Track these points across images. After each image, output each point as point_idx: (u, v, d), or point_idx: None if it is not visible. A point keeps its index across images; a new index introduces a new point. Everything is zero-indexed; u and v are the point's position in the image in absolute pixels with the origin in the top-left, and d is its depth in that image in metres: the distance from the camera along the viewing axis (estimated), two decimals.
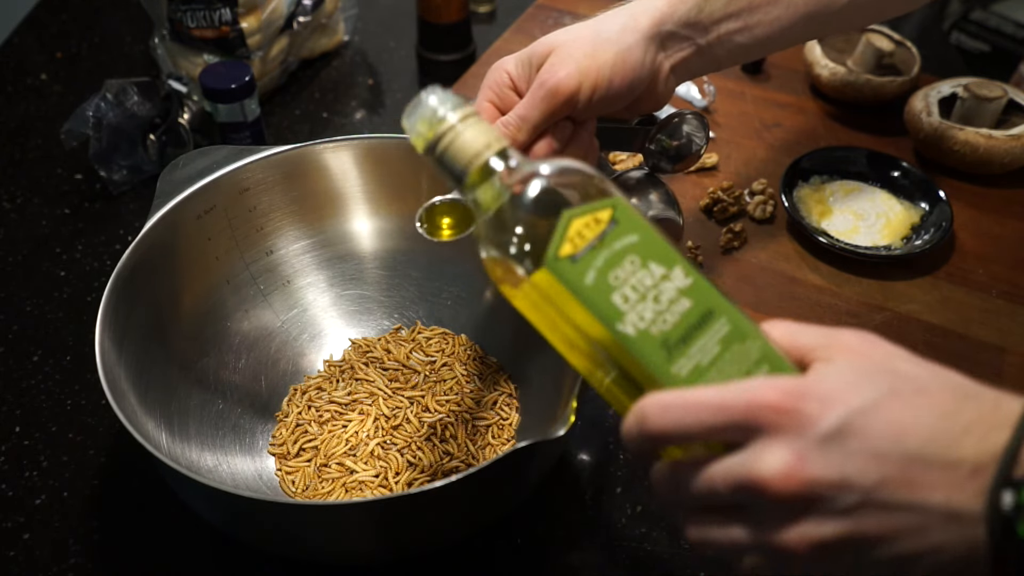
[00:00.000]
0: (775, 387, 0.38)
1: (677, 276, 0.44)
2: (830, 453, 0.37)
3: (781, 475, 0.37)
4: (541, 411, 0.72)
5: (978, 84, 0.93)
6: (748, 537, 0.40)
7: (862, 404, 0.37)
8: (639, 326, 0.43)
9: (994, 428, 0.37)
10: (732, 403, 0.38)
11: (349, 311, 0.80)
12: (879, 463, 0.37)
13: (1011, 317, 0.82)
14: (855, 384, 0.38)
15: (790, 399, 0.38)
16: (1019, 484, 0.35)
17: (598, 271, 0.43)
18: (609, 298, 0.43)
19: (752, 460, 0.38)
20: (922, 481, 0.36)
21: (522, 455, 0.54)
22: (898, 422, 0.37)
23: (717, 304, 0.44)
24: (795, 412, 0.37)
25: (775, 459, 0.37)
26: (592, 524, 0.69)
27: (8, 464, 0.73)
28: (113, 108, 0.93)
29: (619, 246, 0.44)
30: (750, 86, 1.06)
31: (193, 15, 1.01)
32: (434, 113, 0.49)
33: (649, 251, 0.44)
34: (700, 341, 0.43)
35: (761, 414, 0.38)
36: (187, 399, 0.70)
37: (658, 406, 0.40)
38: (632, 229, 0.44)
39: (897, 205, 0.90)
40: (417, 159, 0.76)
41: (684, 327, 0.43)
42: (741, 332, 0.44)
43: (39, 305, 0.86)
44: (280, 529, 0.60)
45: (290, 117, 1.06)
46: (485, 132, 0.48)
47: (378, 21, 1.21)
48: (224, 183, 0.73)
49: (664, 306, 0.44)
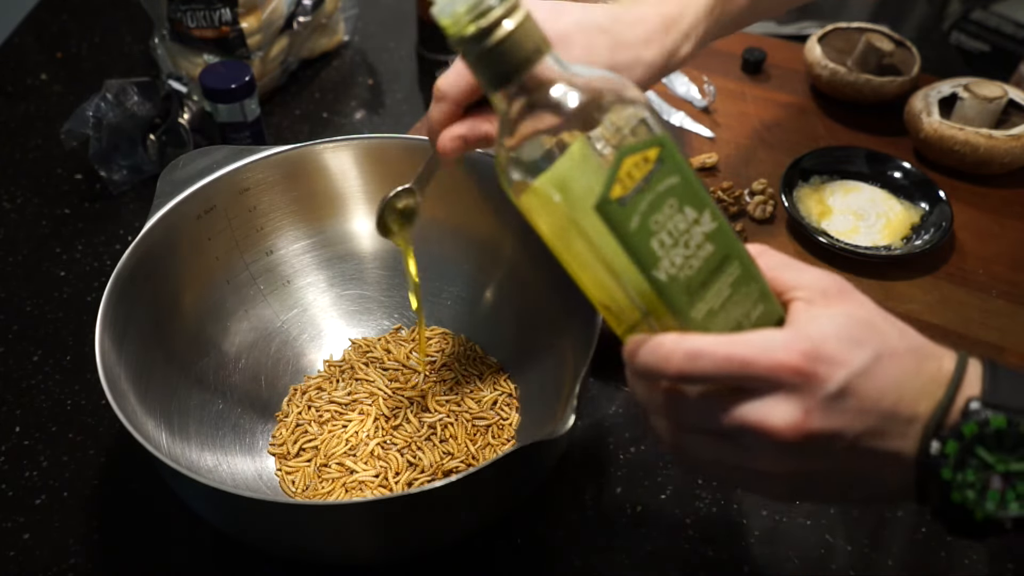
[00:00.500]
0: (793, 349, 0.42)
1: (706, 220, 0.44)
2: (831, 410, 0.42)
3: (789, 427, 0.42)
4: (541, 411, 0.72)
5: (978, 84, 0.93)
6: (737, 461, 0.45)
7: (859, 367, 0.43)
8: (670, 272, 0.43)
9: (938, 386, 0.44)
10: (758, 361, 0.42)
11: (349, 311, 0.80)
12: (864, 418, 0.43)
13: (1011, 317, 0.82)
14: (852, 346, 0.43)
15: (807, 362, 0.42)
16: (945, 437, 0.43)
17: (642, 215, 0.43)
18: (649, 243, 0.43)
19: (766, 411, 0.43)
20: (889, 432, 0.43)
21: (522, 455, 0.54)
22: (881, 384, 0.43)
23: (733, 248, 0.45)
24: (810, 374, 0.42)
25: (787, 413, 0.42)
26: (592, 524, 0.69)
27: (8, 464, 0.73)
28: (113, 108, 0.93)
29: (662, 188, 0.43)
30: (750, 86, 1.06)
31: (193, 15, 1.01)
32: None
33: (686, 194, 0.44)
34: (716, 285, 0.44)
35: (783, 374, 0.42)
36: (187, 399, 0.70)
37: (685, 352, 0.43)
38: (674, 169, 0.43)
39: (897, 205, 0.90)
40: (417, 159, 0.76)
41: (706, 272, 0.44)
42: (747, 275, 0.45)
43: (39, 305, 0.86)
44: (280, 529, 0.60)
45: (290, 117, 1.06)
46: (537, 30, 0.44)
47: (378, 21, 1.21)
48: (224, 183, 0.73)
49: (692, 251, 0.44)
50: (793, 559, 0.67)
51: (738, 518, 0.69)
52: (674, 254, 0.43)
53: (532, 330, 0.75)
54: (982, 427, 0.42)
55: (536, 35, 0.43)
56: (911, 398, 0.43)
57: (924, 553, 0.67)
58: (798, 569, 0.67)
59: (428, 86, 1.11)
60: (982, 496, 0.43)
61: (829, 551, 0.67)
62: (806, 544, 0.68)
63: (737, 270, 0.45)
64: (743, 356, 0.42)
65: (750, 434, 0.43)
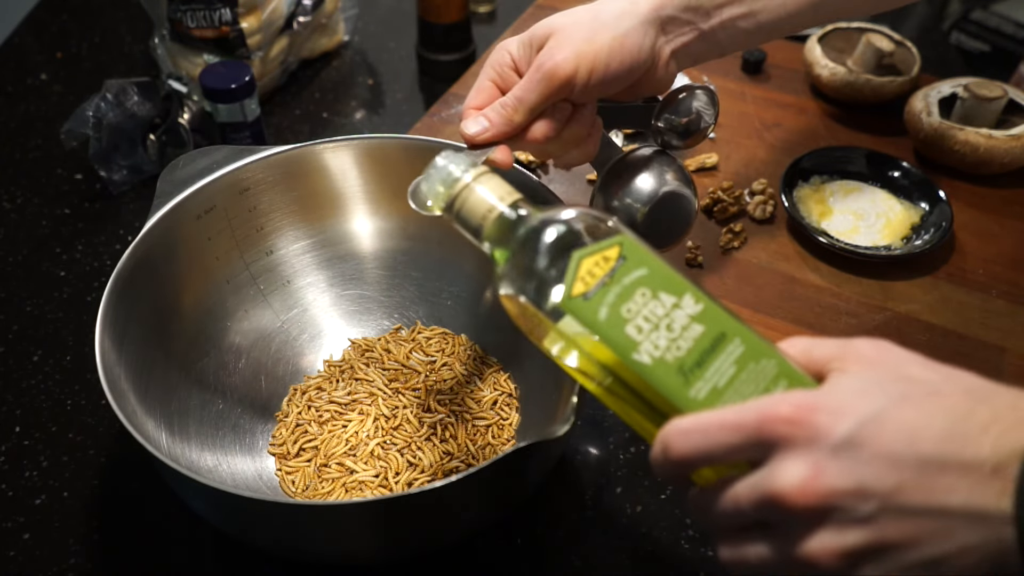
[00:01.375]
0: (787, 401, 0.39)
1: (687, 303, 0.46)
2: (845, 462, 0.37)
3: (799, 488, 0.37)
4: (541, 411, 0.72)
5: (978, 84, 0.93)
6: (776, 553, 0.40)
7: (873, 411, 0.37)
8: (654, 354, 0.44)
9: (1013, 426, 0.36)
10: (745, 420, 0.39)
11: (349, 311, 0.80)
12: (894, 468, 0.36)
13: (1011, 317, 0.82)
14: (865, 392, 0.38)
15: (801, 411, 0.38)
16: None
17: (610, 306, 0.45)
18: (623, 330, 0.45)
19: (771, 475, 0.38)
20: (940, 484, 0.36)
21: (522, 455, 0.54)
22: (910, 426, 0.37)
23: (728, 326, 0.45)
24: (808, 424, 0.38)
25: (792, 472, 0.38)
26: (592, 524, 0.69)
27: (8, 464, 0.73)
28: (113, 108, 0.93)
29: (628, 280, 0.46)
30: (750, 86, 1.06)
31: (193, 15, 1.01)
32: (449, 175, 0.52)
33: (658, 282, 0.46)
34: (715, 363, 0.44)
35: (774, 428, 0.38)
36: (187, 399, 0.70)
37: (678, 432, 0.41)
38: (640, 263, 0.46)
39: (897, 205, 0.90)
40: (417, 159, 0.76)
41: (698, 351, 0.44)
42: (756, 351, 0.44)
43: (39, 305, 0.86)
44: (280, 529, 0.60)
45: (290, 117, 1.06)
46: (497, 187, 0.52)
47: (378, 21, 1.21)
48: (224, 183, 0.73)
49: (677, 333, 0.45)
50: None
51: None
52: (655, 337, 0.45)
53: None
54: None
55: (493, 195, 0.51)
56: (963, 440, 0.36)
57: None
58: None
59: (428, 86, 1.11)
60: None
61: None
62: None
63: (740, 347, 0.44)
64: (733, 419, 0.39)
65: (768, 510, 0.39)
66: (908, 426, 0.37)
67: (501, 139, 0.62)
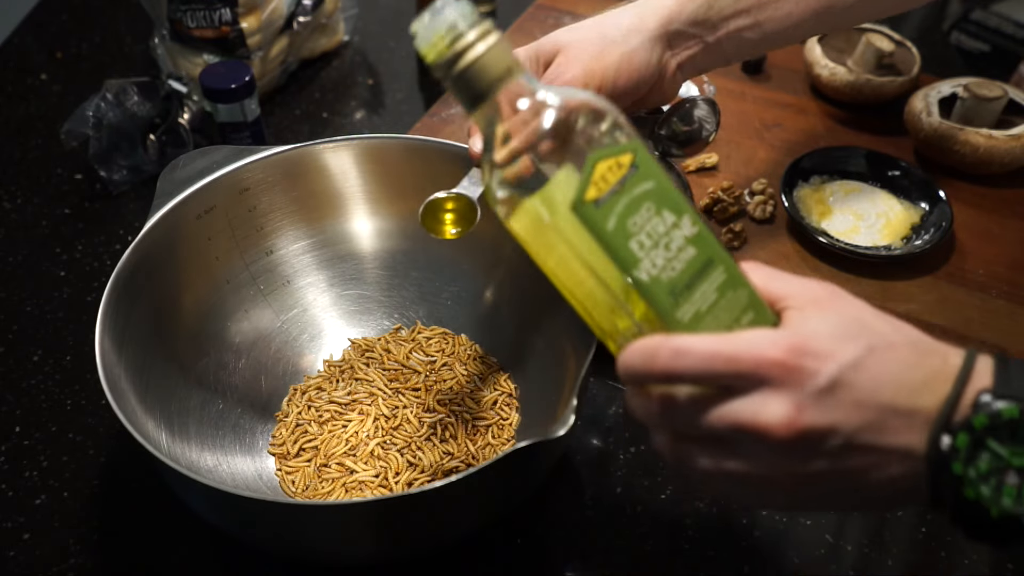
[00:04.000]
0: (779, 345, 0.42)
1: (685, 224, 0.45)
2: (824, 404, 0.42)
3: (783, 424, 0.42)
4: (541, 411, 0.72)
5: (978, 84, 0.93)
6: (735, 467, 0.44)
7: (849, 360, 0.42)
8: (652, 273, 0.44)
9: (943, 381, 0.43)
10: (743, 357, 0.42)
11: (349, 311, 0.80)
12: (860, 412, 0.42)
13: (1011, 317, 0.82)
14: (842, 339, 0.43)
15: (793, 356, 0.42)
16: (955, 430, 0.41)
17: (619, 217, 0.44)
18: (627, 244, 0.44)
19: (756, 408, 0.42)
20: (890, 426, 0.42)
21: (522, 455, 0.54)
22: (875, 375, 0.42)
23: (716, 253, 0.46)
24: (797, 368, 0.42)
25: (778, 409, 0.42)
26: (592, 524, 0.69)
27: (8, 464, 0.73)
28: (113, 108, 0.93)
29: (638, 192, 0.44)
30: (750, 86, 1.06)
31: (193, 15, 1.01)
32: (454, 25, 0.45)
33: (663, 198, 0.45)
34: (701, 288, 0.45)
35: (768, 370, 0.42)
36: (187, 399, 0.70)
37: (671, 350, 0.43)
38: (649, 175, 0.45)
39: (897, 205, 0.90)
40: (416, 159, 0.76)
41: (689, 274, 0.45)
42: (734, 280, 0.46)
43: (39, 305, 0.86)
44: (280, 529, 0.60)
45: (290, 117, 1.06)
46: (508, 53, 0.46)
47: (378, 21, 1.21)
48: (224, 183, 0.73)
49: (673, 253, 0.45)
50: (793, 559, 0.67)
51: (738, 518, 0.69)
52: (655, 255, 0.45)
53: (532, 330, 0.75)
54: (993, 419, 0.41)
55: (506, 58, 0.46)
56: (911, 391, 0.42)
57: (924, 553, 0.67)
58: (798, 569, 0.67)
59: (428, 86, 1.11)
60: (997, 492, 0.41)
61: (829, 551, 0.67)
62: (806, 544, 0.68)
63: (722, 275, 0.46)
64: (729, 352, 0.42)
65: (744, 435, 0.43)
66: (874, 375, 0.42)
67: None
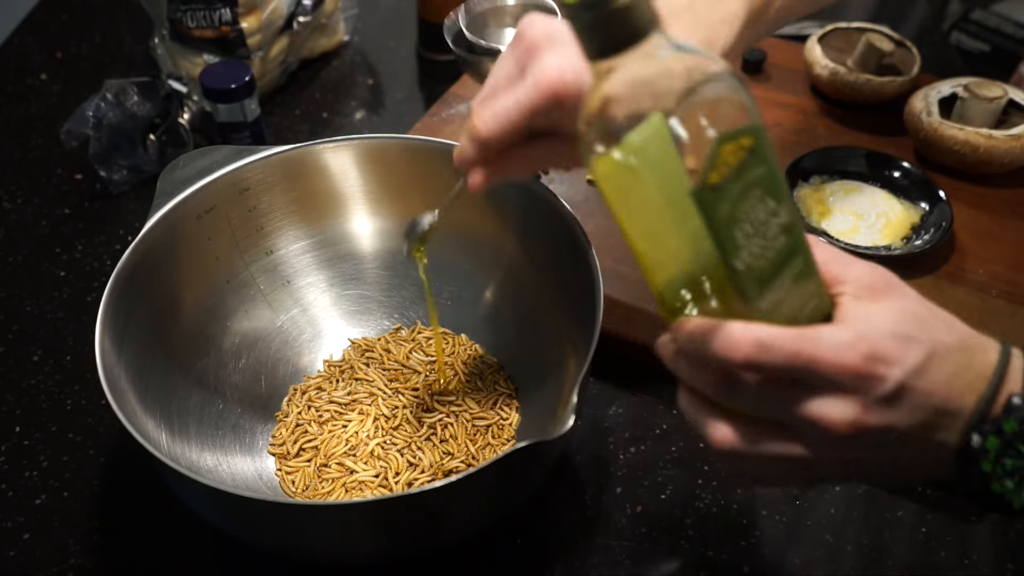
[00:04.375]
0: (856, 350, 0.43)
1: (783, 212, 0.43)
2: (886, 408, 0.44)
3: (847, 423, 0.44)
4: (541, 411, 0.72)
5: (978, 84, 0.93)
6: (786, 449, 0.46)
7: (913, 366, 0.44)
8: (747, 262, 0.43)
9: (982, 379, 0.45)
10: (823, 360, 0.43)
11: (349, 311, 0.80)
12: (916, 414, 0.44)
13: (1011, 317, 0.82)
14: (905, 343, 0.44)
15: (867, 363, 0.43)
16: (985, 432, 0.44)
17: (732, 203, 0.42)
18: (733, 232, 0.42)
19: (825, 406, 0.44)
20: (938, 425, 0.45)
21: (522, 455, 0.54)
22: (934, 381, 0.45)
23: (800, 241, 0.45)
24: (869, 376, 0.44)
25: (845, 410, 0.44)
26: (592, 524, 0.69)
27: (8, 464, 0.73)
28: (113, 108, 0.93)
29: (751, 178, 0.42)
30: (750, 86, 1.06)
31: (193, 15, 1.01)
32: None
33: (771, 184, 0.43)
34: (782, 277, 0.44)
35: (844, 375, 0.43)
36: (187, 399, 0.70)
37: (755, 342, 0.44)
38: (763, 160, 0.42)
39: (897, 205, 0.90)
40: (417, 159, 0.76)
41: (776, 263, 0.44)
42: (808, 269, 0.45)
43: (39, 305, 0.86)
44: (280, 529, 0.60)
45: (290, 117, 1.06)
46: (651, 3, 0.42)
47: (378, 21, 1.21)
48: (224, 183, 0.73)
49: (767, 242, 0.43)
50: (793, 559, 0.67)
51: (738, 518, 0.69)
52: (753, 244, 0.43)
53: (532, 330, 0.75)
54: (1022, 423, 0.44)
55: (651, 10, 0.42)
56: (959, 393, 0.45)
57: (924, 553, 0.67)
58: (798, 569, 0.67)
59: (428, 86, 1.11)
60: (1020, 486, 0.45)
61: (829, 551, 0.67)
62: (806, 544, 0.68)
63: (800, 264, 0.45)
64: (810, 354, 0.43)
65: (805, 425, 0.45)
66: (932, 380, 0.44)
67: None
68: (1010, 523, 0.68)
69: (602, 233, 0.89)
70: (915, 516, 0.69)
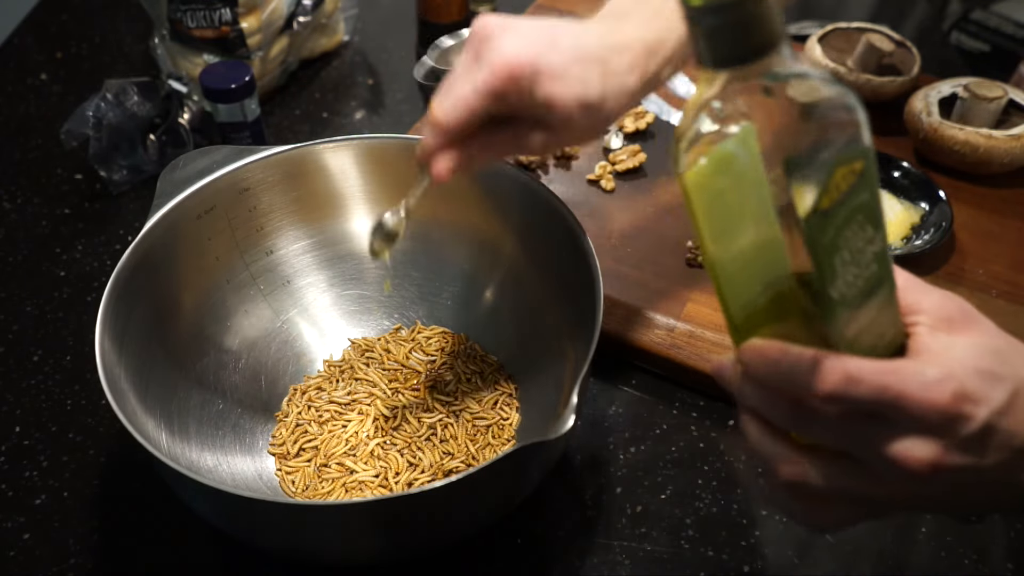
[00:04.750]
0: (945, 389, 0.42)
1: (878, 240, 0.42)
2: (969, 449, 0.43)
3: (928, 463, 0.42)
4: (541, 411, 0.72)
5: (978, 84, 0.93)
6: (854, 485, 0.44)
7: (999, 406, 0.43)
8: (841, 291, 0.41)
9: None
10: (911, 397, 0.42)
11: (349, 311, 0.80)
12: (997, 454, 0.43)
13: (1011, 317, 0.82)
14: (991, 382, 0.43)
15: (955, 402, 0.42)
16: None
17: (836, 229, 0.40)
18: (833, 259, 0.40)
19: (907, 444, 0.42)
20: (1015, 465, 0.44)
21: (522, 455, 0.54)
22: (1018, 421, 0.43)
23: (888, 271, 0.43)
24: (956, 416, 0.42)
25: (926, 450, 0.42)
26: (592, 524, 0.69)
27: (8, 464, 0.73)
28: (113, 108, 0.93)
29: (856, 203, 0.40)
30: None
31: (193, 15, 1.01)
32: None
33: (871, 211, 0.41)
34: (868, 306, 0.43)
35: (931, 414, 0.42)
36: (187, 399, 0.70)
37: (844, 375, 0.42)
38: (869, 184, 0.40)
39: (897, 205, 0.90)
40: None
41: (865, 291, 0.42)
42: (891, 299, 0.44)
43: (39, 305, 0.86)
44: (280, 529, 0.60)
45: (290, 117, 1.06)
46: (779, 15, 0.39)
47: (378, 21, 1.21)
48: (224, 183, 0.73)
49: (860, 270, 0.41)
50: (793, 559, 0.67)
51: (738, 518, 0.69)
52: (848, 272, 0.41)
53: (532, 330, 0.75)
54: None
55: (778, 22, 0.38)
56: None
57: (924, 553, 0.67)
58: (798, 569, 0.67)
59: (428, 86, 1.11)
60: None
61: (829, 551, 0.67)
62: (806, 544, 0.68)
63: (886, 292, 0.43)
64: (900, 389, 0.42)
65: (884, 462, 0.43)
66: (1016, 420, 0.43)
67: None
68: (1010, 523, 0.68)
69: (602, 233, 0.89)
70: (915, 516, 0.69)
